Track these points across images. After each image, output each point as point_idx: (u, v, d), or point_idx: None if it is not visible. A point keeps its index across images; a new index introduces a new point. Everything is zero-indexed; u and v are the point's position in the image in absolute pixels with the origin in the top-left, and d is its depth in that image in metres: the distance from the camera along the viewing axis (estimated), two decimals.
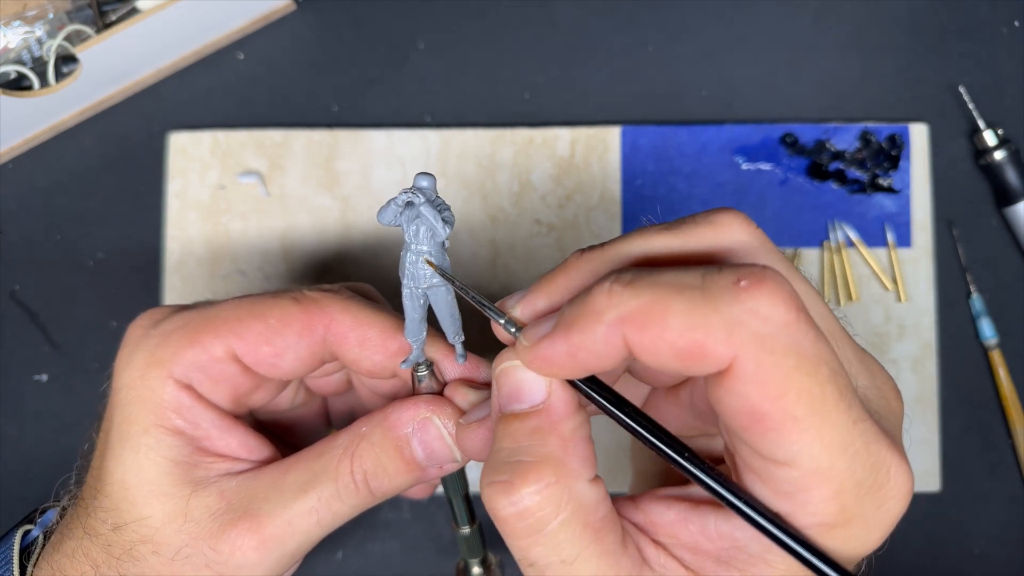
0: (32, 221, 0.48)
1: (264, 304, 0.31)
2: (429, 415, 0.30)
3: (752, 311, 0.22)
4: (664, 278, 0.23)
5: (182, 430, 0.31)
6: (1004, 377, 0.46)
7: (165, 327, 0.31)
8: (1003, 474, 0.47)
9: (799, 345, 0.22)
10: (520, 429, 0.25)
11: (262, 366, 0.31)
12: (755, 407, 0.22)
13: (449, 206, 0.28)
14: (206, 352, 0.30)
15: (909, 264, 0.47)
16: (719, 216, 0.26)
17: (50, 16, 0.46)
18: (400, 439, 0.30)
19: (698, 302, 0.22)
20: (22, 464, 0.47)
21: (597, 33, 0.49)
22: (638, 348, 0.23)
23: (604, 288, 0.23)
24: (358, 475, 0.30)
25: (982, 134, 0.47)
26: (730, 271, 0.22)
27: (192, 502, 0.30)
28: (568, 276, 0.26)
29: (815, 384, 0.22)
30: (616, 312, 0.23)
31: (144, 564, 0.30)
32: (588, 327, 0.23)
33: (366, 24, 0.49)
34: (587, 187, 0.47)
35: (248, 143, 0.48)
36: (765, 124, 0.48)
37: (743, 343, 0.22)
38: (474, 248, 0.47)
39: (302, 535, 0.30)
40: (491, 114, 0.48)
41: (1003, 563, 0.46)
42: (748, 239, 0.26)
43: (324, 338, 0.31)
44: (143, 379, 0.31)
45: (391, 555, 0.46)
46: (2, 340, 0.47)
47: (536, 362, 0.25)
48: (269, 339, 0.31)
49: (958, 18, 0.49)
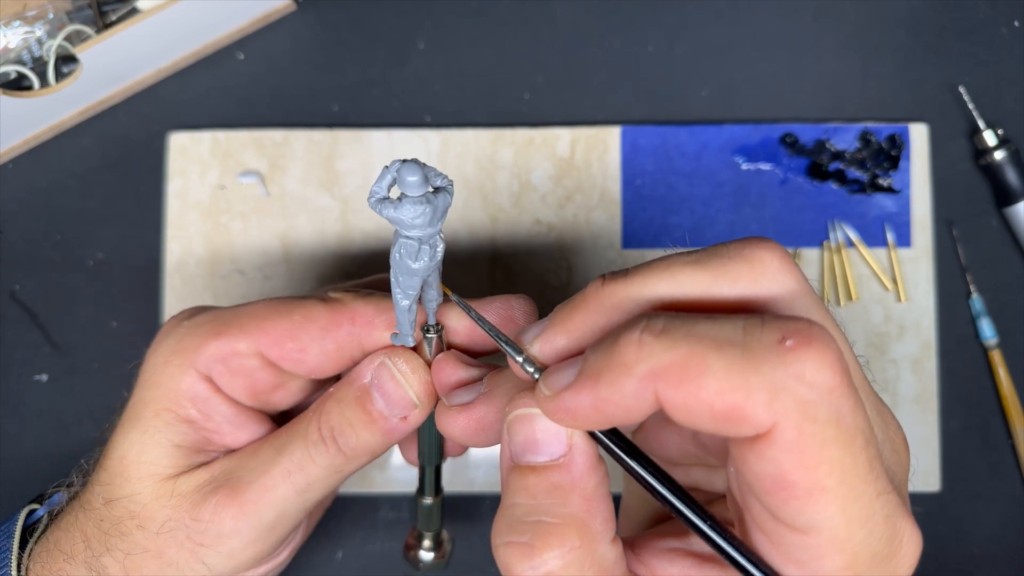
0: (32, 221, 0.48)
1: (291, 303, 0.32)
2: (383, 359, 0.30)
3: (797, 376, 0.20)
4: (701, 329, 0.21)
5: (194, 419, 0.31)
6: (1004, 377, 0.46)
7: (196, 320, 0.32)
8: (1003, 474, 0.47)
9: (840, 414, 0.21)
10: (538, 485, 0.24)
11: (287, 361, 0.31)
12: (785, 475, 0.21)
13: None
14: (229, 345, 0.31)
15: (909, 264, 0.47)
16: (754, 251, 0.24)
17: (50, 16, 0.46)
18: (361, 390, 0.30)
19: (739, 361, 0.20)
20: (22, 464, 0.47)
21: (597, 33, 0.49)
22: (670, 405, 0.21)
23: (634, 337, 0.21)
24: (325, 431, 0.30)
25: (982, 134, 0.47)
26: (773, 326, 0.21)
27: (180, 479, 0.31)
28: (589, 310, 0.24)
29: (848, 455, 0.21)
30: (648, 366, 0.21)
31: (130, 539, 0.30)
32: (617, 380, 0.21)
33: (366, 24, 0.49)
34: (587, 187, 0.47)
35: (248, 143, 0.48)
36: (765, 124, 0.48)
37: (785, 411, 0.20)
38: (474, 248, 0.47)
39: (279, 501, 0.30)
40: (491, 114, 0.48)
41: (1003, 563, 0.46)
42: (787, 280, 0.23)
43: (351, 333, 0.31)
44: (166, 366, 0.31)
45: (391, 555, 0.46)
46: (2, 340, 0.47)
47: (558, 413, 0.23)
48: (294, 335, 0.31)
49: (958, 18, 0.49)
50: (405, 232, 0.27)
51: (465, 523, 0.46)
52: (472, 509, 0.46)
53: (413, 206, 0.26)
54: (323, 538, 0.46)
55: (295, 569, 0.46)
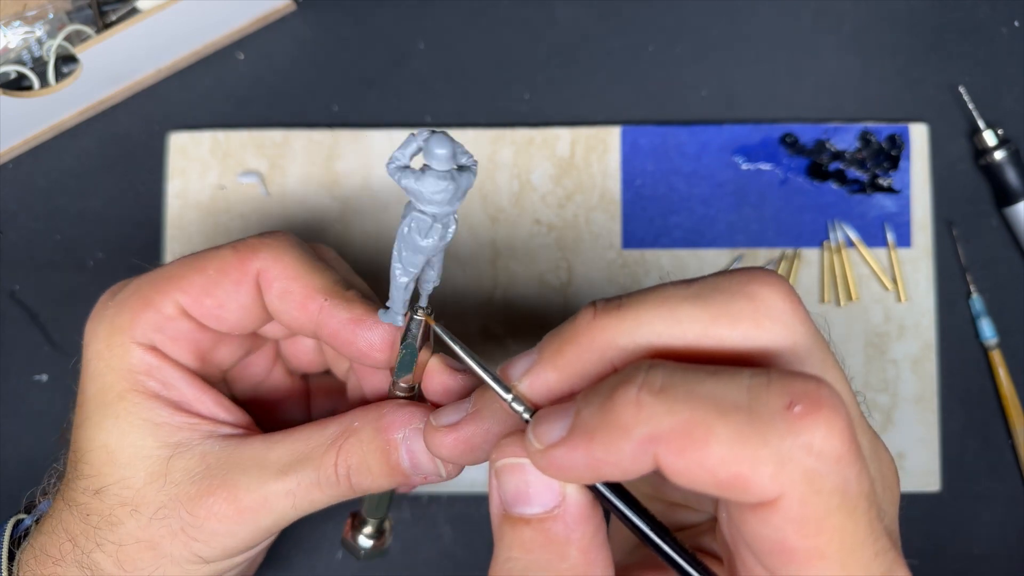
0: (32, 221, 0.48)
1: (205, 257, 0.31)
2: (422, 426, 0.29)
3: (806, 446, 0.19)
4: (703, 390, 0.20)
5: (156, 392, 0.31)
6: (1004, 377, 0.46)
7: (121, 296, 0.32)
8: (1003, 474, 0.47)
9: (846, 483, 0.20)
10: (533, 539, 0.23)
11: (208, 318, 0.31)
12: (786, 541, 0.20)
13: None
14: (158, 312, 0.30)
15: (909, 264, 0.47)
16: (756, 287, 0.22)
17: (50, 16, 0.46)
18: (389, 442, 0.29)
19: (744, 428, 0.19)
20: (22, 464, 0.47)
21: (597, 33, 0.49)
22: (670, 471, 0.20)
23: (631, 395, 0.20)
24: (341, 469, 0.30)
25: (982, 134, 0.47)
26: (780, 388, 0.20)
27: (173, 463, 0.30)
28: (581, 347, 0.23)
29: (851, 522, 0.20)
30: (647, 429, 0.20)
31: (122, 529, 0.30)
32: (613, 441, 0.20)
33: (366, 24, 0.49)
34: (587, 187, 0.47)
35: (248, 143, 0.48)
36: (765, 124, 0.48)
37: (792, 482, 0.19)
38: (474, 248, 0.47)
39: (277, 514, 0.30)
40: (491, 114, 0.48)
41: (1003, 563, 0.46)
42: (792, 324, 0.22)
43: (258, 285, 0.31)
44: (109, 348, 0.31)
45: (391, 555, 0.46)
46: (2, 340, 0.47)
47: (550, 469, 0.22)
48: (209, 290, 0.30)
49: (958, 18, 0.49)
50: (420, 206, 0.25)
51: (465, 523, 0.46)
52: (472, 509, 0.46)
53: (437, 180, 0.24)
54: (323, 538, 0.46)
55: (295, 569, 0.46)
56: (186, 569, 0.30)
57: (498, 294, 0.47)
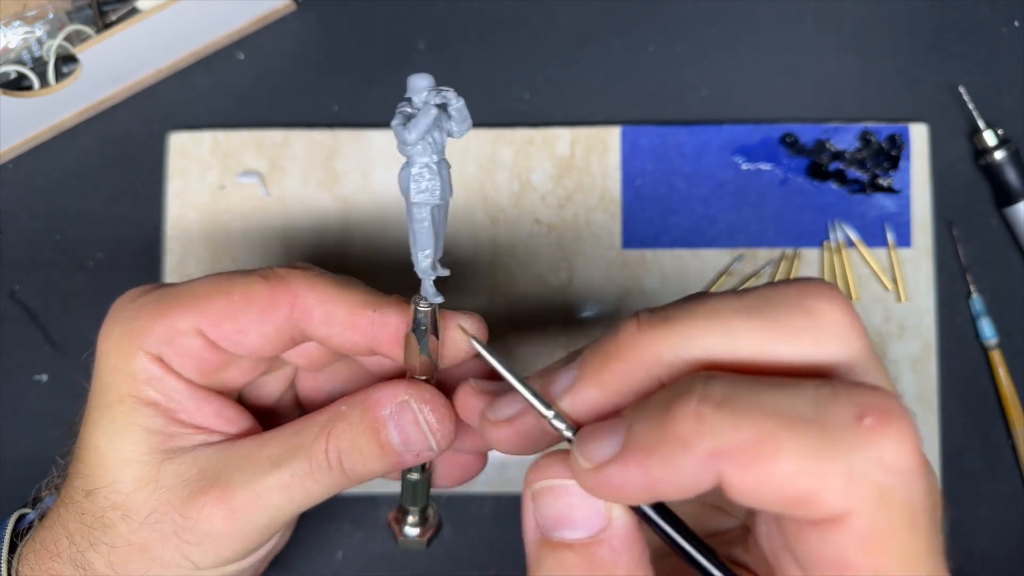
0: (32, 221, 0.48)
1: (232, 281, 0.31)
2: (407, 398, 0.29)
3: (877, 460, 0.19)
4: (768, 402, 0.19)
5: (155, 401, 0.30)
6: (1004, 377, 0.46)
7: (142, 301, 0.31)
8: (1003, 474, 0.47)
9: (914, 498, 0.19)
10: (576, 564, 0.22)
11: (226, 341, 0.31)
12: (846, 560, 0.19)
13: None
14: (172, 326, 0.30)
15: (909, 264, 0.47)
16: (813, 301, 0.21)
17: (50, 16, 0.46)
18: (377, 420, 0.29)
19: (814, 442, 0.19)
20: (22, 464, 0.47)
21: (597, 33, 0.49)
22: (735, 487, 0.19)
23: (690, 407, 0.19)
24: (332, 454, 0.29)
25: (982, 134, 0.47)
26: (847, 400, 0.19)
27: (164, 468, 0.30)
28: (626, 361, 0.22)
29: (915, 539, 0.20)
30: (711, 443, 0.19)
31: (113, 531, 0.30)
32: (673, 457, 0.19)
33: (366, 24, 0.49)
34: (587, 187, 0.47)
35: (248, 143, 0.48)
36: (765, 124, 0.48)
37: (863, 498, 0.19)
38: (474, 248, 0.47)
39: (273, 509, 0.30)
40: (491, 114, 0.48)
41: (1003, 563, 0.46)
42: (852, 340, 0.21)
43: (290, 316, 0.30)
44: (118, 350, 0.31)
45: (391, 555, 0.46)
46: (2, 340, 0.47)
47: (600, 489, 0.21)
48: (231, 315, 0.30)
49: (958, 18, 0.49)
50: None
51: (466, 523, 0.46)
52: (473, 509, 0.46)
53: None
54: (323, 538, 0.46)
55: (295, 569, 0.46)
56: (178, 575, 0.30)
57: (498, 294, 0.47)
